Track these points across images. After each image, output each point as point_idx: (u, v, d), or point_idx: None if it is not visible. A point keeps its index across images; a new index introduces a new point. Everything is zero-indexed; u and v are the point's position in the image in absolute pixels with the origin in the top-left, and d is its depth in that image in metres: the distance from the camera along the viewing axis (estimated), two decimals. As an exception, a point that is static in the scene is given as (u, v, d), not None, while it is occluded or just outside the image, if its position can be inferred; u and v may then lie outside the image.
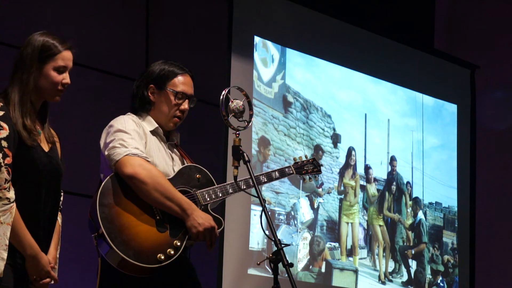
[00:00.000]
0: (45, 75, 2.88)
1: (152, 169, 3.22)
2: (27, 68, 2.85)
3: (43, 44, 2.88)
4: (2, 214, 2.67)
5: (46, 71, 2.88)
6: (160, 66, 3.46)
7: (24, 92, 2.84)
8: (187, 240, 3.26)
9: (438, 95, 6.78)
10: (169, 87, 3.42)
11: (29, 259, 2.80)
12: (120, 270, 3.14)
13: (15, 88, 2.84)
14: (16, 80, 2.85)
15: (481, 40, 7.37)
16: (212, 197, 3.38)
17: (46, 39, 2.89)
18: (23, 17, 4.91)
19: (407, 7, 7.29)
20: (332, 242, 5.80)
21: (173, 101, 3.42)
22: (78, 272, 2.91)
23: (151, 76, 3.44)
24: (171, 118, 3.43)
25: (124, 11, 5.50)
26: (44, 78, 2.88)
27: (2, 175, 2.68)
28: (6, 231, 2.68)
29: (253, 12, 5.52)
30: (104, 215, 3.11)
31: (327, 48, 6.00)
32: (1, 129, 2.73)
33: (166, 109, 3.43)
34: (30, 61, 2.86)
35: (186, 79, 3.46)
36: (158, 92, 3.43)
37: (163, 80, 3.43)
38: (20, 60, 2.86)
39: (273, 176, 3.62)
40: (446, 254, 6.61)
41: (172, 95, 3.42)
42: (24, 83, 2.84)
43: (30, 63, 2.85)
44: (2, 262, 2.68)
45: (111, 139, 3.26)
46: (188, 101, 3.45)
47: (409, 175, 6.48)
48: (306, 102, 5.79)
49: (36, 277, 2.84)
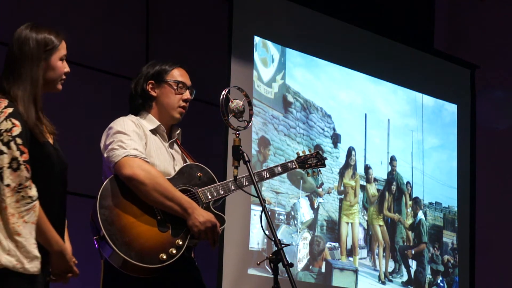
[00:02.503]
0: (52, 67, 2.89)
1: (151, 169, 3.23)
2: (35, 63, 2.84)
3: (45, 37, 2.87)
4: (26, 213, 2.65)
5: (53, 63, 2.89)
6: (154, 65, 3.50)
7: (37, 87, 2.82)
8: (190, 239, 3.26)
9: (438, 95, 6.78)
10: (169, 79, 3.44)
11: (55, 255, 2.78)
12: (123, 271, 3.14)
13: (23, 84, 2.81)
14: (23, 76, 2.82)
15: (481, 40, 7.37)
16: (214, 195, 3.38)
17: (44, 32, 2.88)
18: (23, 18, 4.90)
19: (407, 7, 7.29)
20: (332, 242, 5.80)
21: (175, 91, 3.45)
22: (81, 273, 2.91)
23: (147, 74, 3.47)
24: (176, 108, 3.45)
25: (124, 11, 5.50)
26: (51, 70, 2.88)
27: (22, 173, 2.66)
28: (32, 230, 2.66)
29: (253, 12, 5.52)
30: (105, 217, 3.11)
31: (327, 48, 6.00)
32: (14, 126, 2.70)
33: (170, 100, 3.44)
34: (37, 56, 2.85)
35: (182, 72, 3.51)
36: (158, 86, 3.45)
37: (161, 74, 3.46)
38: (22, 56, 2.84)
39: (275, 171, 3.61)
40: (446, 254, 6.61)
41: (174, 84, 3.45)
42: (35, 79, 2.83)
43: (37, 58, 2.84)
44: (37, 260, 2.66)
45: (110, 140, 3.27)
46: (189, 91, 3.48)
47: (409, 175, 6.48)
48: (306, 102, 5.79)
49: (60, 272, 2.84)
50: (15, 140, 2.69)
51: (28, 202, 2.65)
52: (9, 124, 2.70)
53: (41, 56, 2.85)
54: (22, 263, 2.62)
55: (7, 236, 2.62)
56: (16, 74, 2.83)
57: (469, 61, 7.02)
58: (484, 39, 7.35)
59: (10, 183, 2.63)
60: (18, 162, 2.67)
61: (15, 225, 2.62)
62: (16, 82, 2.82)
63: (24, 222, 2.64)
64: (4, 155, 2.65)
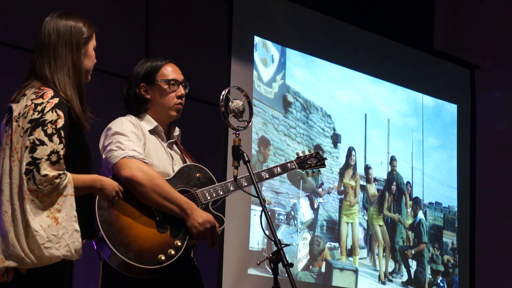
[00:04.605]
0: (89, 55, 2.90)
1: (149, 170, 3.22)
2: (76, 49, 2.83)
3: (82, 26, 2.88)
4: (63, 189, 2.67)
5: (90, 51, 2.91)
6: (143, 64, 3.49)
7: (80, 74, 2.83)
8: (189, 240, 3.26)
9: (438, 95, 6.78)
10: (159, 79, 3.44)
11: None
12: (121, 272, 3.14)
13: (66, 71, 2.80)
14: (65, 63, 2.80)
15: (481, 40, 7.37)
16: (213, 195, 3.38)
17: (79, 21, 2.89)
18: (24, 18, 4.90)
19: (407, 7, 7.29)
20: (332, 242, 5.80)
21: (168, 90, 3.44)
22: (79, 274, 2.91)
23: (138, 76, 3.45)
24: (172, 107, 3.45)
25: (124, 11, 5.50)
26: (88, 58, 2.90)
27: (61, 166, 2.68)
28: (72, 202, 2.70)
29: (253, 12, 5.52)
30: (103, 218, 3.10)
31: (327, 48, 6.00)
32: (59, 118, 2.71)
33: (165, 100, 3.44)
34: (77, 43, 2.84)
35: (172, 67, 3.49)
36: (150, 88, 3.44)
37: (151, 74, 3.44)
38: (62, 43, 2.82)
39: (275, 172, 3.60)
40: (446, 254, 6.61)
41: (166, 84, 3.44)
42: (77, 66, 2.82)
43: (78, 45, 2.84)
44: (78, 233, 2.70)
45: (109, 142, 3.27)
46: (182, 86, 3.47)
47: (409, 175, 6.48)
48: (306, 102, 5.79)
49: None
50: (59, 133, 2.70)
51: (62, 179, 2.68)
52: (55, 115, 2.70)
53: (81, 42, 2.85)
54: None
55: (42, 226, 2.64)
56: (58, 60, 2.80)
57: (469, 61, 7.02)
58: (484, 39, 7.35)
59: (48, 173, 2.65)
60: (58, 155, 2.68)
61: (53, 208, 2.66)
62: (59, 69, 2.80)
63: (64, 196, 2.67)
64: (45, 147, 2.66)
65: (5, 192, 2.68)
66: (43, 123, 2.68)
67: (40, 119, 2.68)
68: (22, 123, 2.70)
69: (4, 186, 2.69)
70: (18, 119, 2.72)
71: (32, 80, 2.80)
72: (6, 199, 2.67)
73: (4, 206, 2.67)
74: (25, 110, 2.71)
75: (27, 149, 2.65)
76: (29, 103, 2.72)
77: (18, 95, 2.79)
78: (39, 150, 2.65)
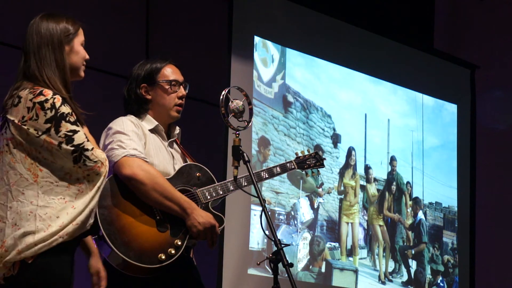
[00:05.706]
0: (75, 50, 2.91)
1: (150, 169, 3.22)
2: (59, 48, 2.85)
3: (65, 25, 2.90)
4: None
5: (76, 47, 2.91)
6: (143, 65, 3.50)
7: (64, 72, 2.85)
8: (189, 239, 3.26)
9: (438, 95, 6.78)
10: (160, 79, 3.45)
11: None
12: (121, 271, 3.14)
13: (51, 69, 2.82)
14: (49, 61, 2.83)
15: (481, 40, 7.37)
16: (213, 195, 3.38)
17: (62, 21, 2.91)
18: (24, 18, 4.90)
19: (407, 7, 7.29)
20: (332, 242, 5.80)
21: (169, 91, 3.45)
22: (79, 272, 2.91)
23: (138, 77, 3.47)
24: (173, 107, 3.46)
25: (124, 11, 5.50)
26: (75, 54, 2.91)
27: (102, 154, 2.81)
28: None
29: (253, 12, 5.52)
30: (104, 217, 3.11)
31: (327, 48, 6.00)
32: (71, 111, 2.79)
33: (166, 101, 3.45)
34: (59, 41, 2.86)
35: (172, 68, 3.50)
36: (151, 88, 3.45)
37: (152, 75, 3.46)
38: (45, 43, 2.84)
39: (274, 172, 3.60)
40: (446, 254, 6.61)
41: (167, 84, 3.45)
42: (61, 64, 2.85)
43: (60, 43, 2.86)
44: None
45: (110, 141, 3.27)
46: (183, 87, 3.48)
47: (409, 175, 6.48)
48: (306, 102, 5.79)
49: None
50: (77, 123, 2.78)
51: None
52: (68, 108, 2.76)
53: (63, 41, 2.86)
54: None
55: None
56: (43, 61, 2.83)
57: (469, 61, 7.02)
58: (484, 39, 7.35)
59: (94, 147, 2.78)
60: (86, 137, 2.79)
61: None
62: (46, 68, 2.82)
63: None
64: (78, 133, 2.75)
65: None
66: (63, 116, 2.74)
67: (58, 114, 2.73)
68: (34, 125, 2.72)
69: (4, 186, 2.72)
70: (24, 122, 2.72)
71: (22, 81, 2.82)
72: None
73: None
74: (32, 113, 2.72)
75: (61, 144, 2.71)
76: (31, 105, 2.72)
77: (11, 97, 2.79)
78: (76, 137, 2.74)
